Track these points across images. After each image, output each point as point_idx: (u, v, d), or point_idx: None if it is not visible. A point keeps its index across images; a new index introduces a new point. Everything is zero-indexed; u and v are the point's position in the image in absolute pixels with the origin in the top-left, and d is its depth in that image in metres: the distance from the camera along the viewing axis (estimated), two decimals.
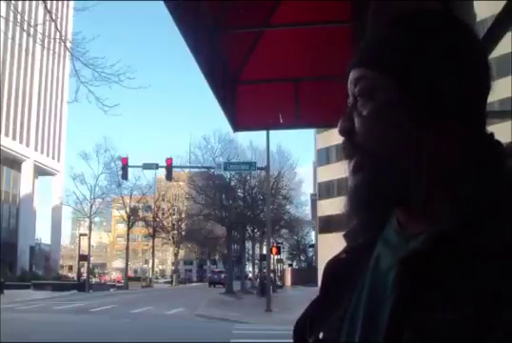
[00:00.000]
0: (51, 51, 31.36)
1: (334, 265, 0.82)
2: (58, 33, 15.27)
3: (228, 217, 40.39)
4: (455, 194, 0.67)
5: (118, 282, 61.30)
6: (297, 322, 0.84)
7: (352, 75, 0.76)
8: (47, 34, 17.14)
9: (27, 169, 56.75)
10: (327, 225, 48.06)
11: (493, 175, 0.67)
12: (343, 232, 0.86)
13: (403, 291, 0.64)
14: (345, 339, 0.73)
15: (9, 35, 45.29)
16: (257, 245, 45.85)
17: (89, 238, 47.75)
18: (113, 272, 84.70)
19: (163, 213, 58.96)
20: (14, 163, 54.81)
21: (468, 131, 0.70)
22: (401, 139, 0.70)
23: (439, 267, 0.62)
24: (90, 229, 48.81)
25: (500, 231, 0.61)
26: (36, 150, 58.81)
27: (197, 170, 42.83)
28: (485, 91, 0.73)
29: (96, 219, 57.25)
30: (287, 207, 48.14)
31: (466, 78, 0.70)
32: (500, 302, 0.57)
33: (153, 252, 58.59)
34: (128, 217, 52.17)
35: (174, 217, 59.74)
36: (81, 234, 50.36)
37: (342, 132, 0.75)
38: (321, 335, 0.78)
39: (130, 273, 64.66)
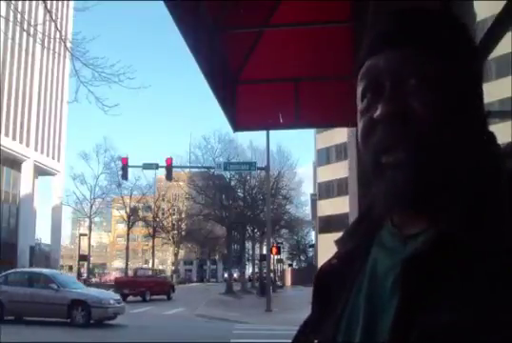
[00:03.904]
0: (51, 51, 31.35)
1: (326, 271, 0.81)
2: (58, 33, 15.26)
3: (228, 217, 40.36)
4: (455, 194, 0.67)
5: None
6: (298, 330, 0.83)
7: (395, 55, 0.69)
8: (47, 34, 17.12)
9: (27, 169, 56.71)
10: (327, 225, 48.07)
11: (493, 175, 0.67)
12: (342, 233, 0.85)
13: (408, 293, 0.63)
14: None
15: (10, 35, 45.29)
16: (257, 245, 45.82)
17: (89, 238, 47.76)
18: (113, 272, 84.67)
19: (163, 213, 58.92)
20: (14, 163, 54.78)
21: (470, 130, 0.70)
22: (465, 134, 0.68)
23: (440, 268, 0.62)
24: (90, 229, 48.81)
25: (500, 231, 0.61)
26: (36, 150, 58.78)
27: (197, 170, 42.80)
28: (481, 89, 0.73)
29: (96, 219, 57.23)
30: (287, 207, 48.09)
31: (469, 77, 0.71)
32: (501, 303, 0.56)
33: (153, 252, 58.52)
34: (128, 217, 52.12)
35: (174, 217, 59.69)
36: (81, 234, 50.38)
37: (393, 117, 0.67)
38: (315, 341, 0.78)
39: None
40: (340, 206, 40.08)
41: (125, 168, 28.61)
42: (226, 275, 58.42)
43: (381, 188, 0.69)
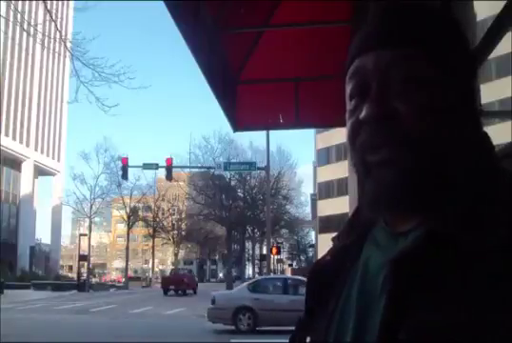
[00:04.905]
0: (51, 51, 31.37)
1: (319, 267, 0.81)
2: (58, 33, 15.29)
3: (228, 217, 40.40)
4: (449, 193, 0.66)
5: (118, 282, 61.32)
6: (295, 328, 0.83)
7: (383, 56, 0.69)
8: (47, 34, 17.14)
9: (27, 169, 56.72)
10: (327, 225, 48.06)
11: (488, 175, 0.67)
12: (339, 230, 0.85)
13: (396, 291, 0.62)
14: (335, 341, 0.72)
15: (10, 35, 45.32)
16: (257, 245, 45.84)
17: (89, 238, 47.74)
18: (113, 272, 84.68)
19: (163, 213, 58.90)
20: (14, 163, 54.78)
21: (461, 130, 0.69)
22: (445, 129, 0.67)
23: (432, 266, 0.61)
24: (90, 229, 48.80)
25: (494, 230, 0.60)
26: (36, 150, 58.79)
27: (197, 170, 42.83)
28: (475, 90, 0.73)
29: (96, 219, 57.20)
30: (287, 207, 48.17)
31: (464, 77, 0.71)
32: (495, 303, 0.56)
33: (153, 252, 58.55)
34: (128, 217, 52.13)
35: (174, 217, 59.68)
36: (81, 234, 50.34)
37: (376, 117, 0.67)
38: (308, 340, 0.78)
39: (130, 273, 64.63)
40: (340, 206, 40.09)
41: (125, 168, 28.62)
42: (221, 275, 58.71)
43: (368, 187, 0.70)
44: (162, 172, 35.56)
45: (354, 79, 0.72)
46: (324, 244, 48.94)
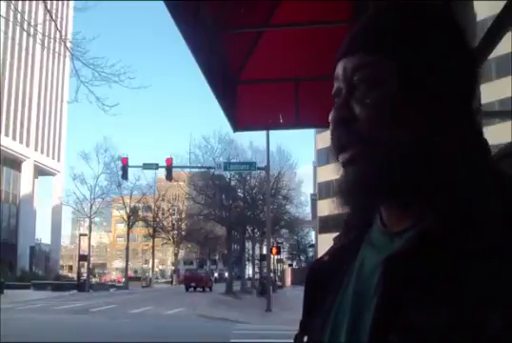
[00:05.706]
0: (51, 51, 31.37)
1: (317, 267, 0.81)
2: (58, 33, 15.29)
3: (228, 217, 40.37)
4: (444, 192, 0.66)
5: (118, 282, 61.34)
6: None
7: (348, 62, 0.72)
8: (47, 34, 17.15)
9: (27, 169, 56.72)
10: (327, 225, 48.05)
11: (484, 175, 0.66)
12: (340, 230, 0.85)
13: (388, 291, 0.62)
14: (329, 341, 0.72)
15: (10, 35, 45.34)
16: (257, 245, 45.82)
17: (89, 238, 47.74)
18: (113, 272, 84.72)
19: (163, 213, 58.92)
20: (14, 163, 54.77)
21: (460, 128, 0.69)
22: (406, 130, 0.68)
23: (425, 266, 0.61)
24: (90, 229, 48.80)
25: (490, 231, 0.60)
26: (36, 150, 58.78)
27: (197, 170, 42.79)
28: (474, 90, 0.73)
29: (96, 219, 57.18)
30: (287, 207, 48.09)
31: (458, 74, 0.71)
32: (487, 303, 0.56)
33: (153, 252, 58.58)
34: (128, 217, 52.15)
35: (174, 217, 59.69)
36: (81, 234, 50.35)
37: (339, 121, 0.72)
38: (305, 339, 0.78)
39: (130, 273, 64.60)
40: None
41: (125, 168, 28.63)
42: (216, 275, 58.89)
43: (337, 183, 0.73)
44: (162, 172, 35.59)
45: (334, 83, 0.76)
46: (324, 244, 48.85)
